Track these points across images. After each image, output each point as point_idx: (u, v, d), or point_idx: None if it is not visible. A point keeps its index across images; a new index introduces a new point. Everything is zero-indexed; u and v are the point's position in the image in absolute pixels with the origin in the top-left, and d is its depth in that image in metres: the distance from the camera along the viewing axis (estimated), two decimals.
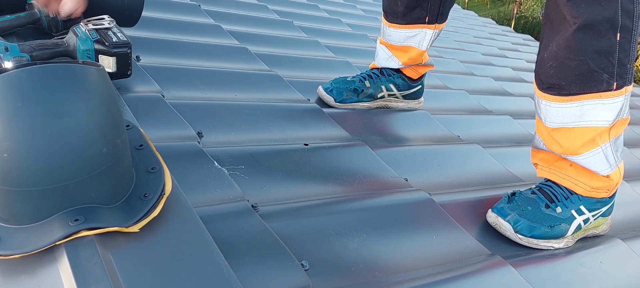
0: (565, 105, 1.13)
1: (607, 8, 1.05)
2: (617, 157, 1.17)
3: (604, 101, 1.10)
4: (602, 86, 1.09)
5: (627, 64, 1.09)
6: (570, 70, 1.10)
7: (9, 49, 1.01)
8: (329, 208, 1.04)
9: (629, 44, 1.08)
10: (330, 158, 1.21)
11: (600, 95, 1.10)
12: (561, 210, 1.16)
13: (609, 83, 1.09)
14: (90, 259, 0.65)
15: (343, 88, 1.56)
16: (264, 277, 0.79)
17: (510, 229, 1.14)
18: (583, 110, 1.12)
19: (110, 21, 1.13)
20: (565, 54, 1.10)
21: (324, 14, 2.92)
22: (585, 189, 1.17)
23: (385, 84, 1.61)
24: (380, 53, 1.62)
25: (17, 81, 0.66)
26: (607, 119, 1.11)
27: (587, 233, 1.22)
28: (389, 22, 1.57)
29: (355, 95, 1.57)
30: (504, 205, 1.17)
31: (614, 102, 1.10)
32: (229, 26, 1.97)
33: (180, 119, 1.13)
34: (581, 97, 1.11)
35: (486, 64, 3.01)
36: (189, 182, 0.92)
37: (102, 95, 0.72)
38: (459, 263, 0.99)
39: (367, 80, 1.59)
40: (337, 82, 1.58)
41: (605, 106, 1.11)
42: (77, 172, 0.68)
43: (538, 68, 1.18)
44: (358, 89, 1.57)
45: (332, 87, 1.57)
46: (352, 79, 1.59)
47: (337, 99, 1.56)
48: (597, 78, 1.09)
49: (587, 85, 1.10)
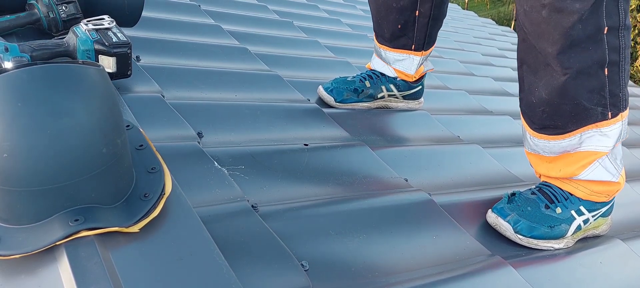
0: (563, 140, 1.14)
1: (595, 52, 1.06)
2: (618, 165, 1.17)
3: (601, 130, 1.12)
4: (598, 118, 1.11)
5: (619, 93, 1.10)
6: (565, 113, 1.11)
7: (9, 49, 1.01)
8: (329, 208, 1.04)
9: (617, 75, 1.09)
10: (330, 159, 1.21)
11: (597, 125, 1.11)
12: (561, 210, 1.17)
13: (604, 114, 1.11)
14: (90, 259, 0.65)
15: (343, 88, 1.56)
16: (264, 277, 0.79)
17: (510, 229, 1.14)
18: (582, 138, 1.13)
19: (110, 21, 1.13)
20: (559, 100, 1.10)
21: (323, 14, 2.92)
22: (586, 193, 1.17)
23: (385, 84, 1.61)
24: (375, 61, 1.63)
25: (17, 81, 0.66)
26: (606, 145, 1.13)
27: (587, 233, 1.22)
28: (378, 43, 1.58)
29: (356, 95, 1.57)
30: (504, 206, 1.17)
31: (612, 129, 1.12)
32: (229, 26, 1.97)
33: (180, 119, 1.13)
34: (578, 131, 1.12)
35: (486, 64, 3.02)
36: (189, 182, 0.92)
37: (102, 95, 0.72)
38: (459, 263, 0.99)
39: (368, 81, 1.59)
40: (337, 82, 1.58)
41: (604, 135, 1.12)
42: (77, 172, 0.68)
43: (527, 110, 1.18)
44: (358, 89, 1.57)
45: (332, 87, 1.57)
46: (352, 79, 1.59)
47: (338, 99, 1.56)
48: (592, 113, 1.10)
49: (583, 121, 1.11)
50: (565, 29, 1.03)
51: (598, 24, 1.04)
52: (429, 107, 1.78)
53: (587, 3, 1.01)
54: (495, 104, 2.14)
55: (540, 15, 1.04)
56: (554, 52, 1.06)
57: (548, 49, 1.06)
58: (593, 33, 1.04)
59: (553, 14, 1.03)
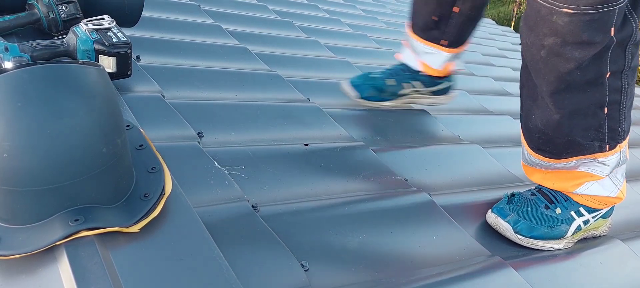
0: (559, 163, 1.13)
1: (594, 94, 1.03)
2: (618, 180, 1.16)
3: (599, 160, 1.10)
4: (595, 151, 1.09)
5: (617, 127, 1.07)
6: (560, 145, 1.09)
7: (9, 49, 1.01)
8: (329, 208, 1.04)
9: (618, 112, 1.06)
10: (330, 159, 1.21)
11: (595, 156, 1.10)
12: (561, 211, 1.16)
13: (602, 147, 1.08)
14: (90, 259, 0.65)
15: (368, 85, 1.53)
16: (264, 277, 0.80)
17: (510, 229, 1.13)
18: (579, 163, 1.12)
19: (110, 21, 1.13)
20: (552, 133, 1.08)
21: (324, 14, 2.92)
22: (584, 199, 1.17)
23: (409, 80, 1.56)
24: (405, 51, 1.59)
25: (18, 81, 0.66)
26: (603, 172, 1.11)
27: (587, 234, 1.22)
28: (411, 31, 1.55)
29: (380, 93, 1.54)
30: (504, 206, 1.17)
31: (609, 160, 1.10)
32: (229, 26, 1.97)
33: (180, 119, 1.13)
34: (575, 158, 1.10)
35: (486, 64, 3.01)
36: (189, 182, 0.92)
37: (102, 95, 0.72)
38: (459, 263, 0.99)
39: (392, 78, 1.55)
40: (362, 78, 1.55)
41: (601, 163, 1.10)
42: (77, 172, 0.68)
43: (524, 130, 1.16)
44: (382, 87, 1.54)
45: (358, 83, 1.54)
46: (377, 76, 1.56)
47: (362, 95, 1.53)
48: (587, 147, 1.08)
49: (578, 153, 1.09)
50: (561, 73, 1.00)
51: (599, 71, 1.00)
52: (429, 107, 1.78)
53: (588, 53, 0.97)
54: (495, 104, 2.14)
55: (539, 54, 1.01)
56: (548, 91, 1.03)
57: (543, 87, 1.04)
58: (593, 78, 1.01)
59: (551, 57, 1.00)
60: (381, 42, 2.61)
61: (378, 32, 2.89)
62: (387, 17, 3.51)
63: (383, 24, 3.19)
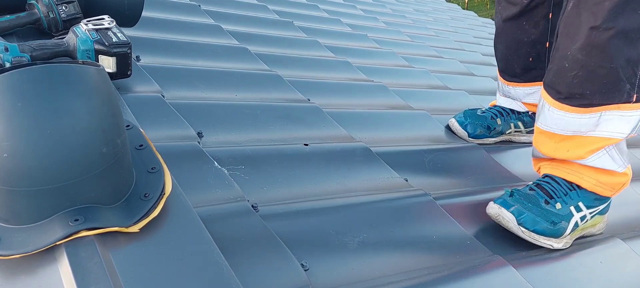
0: (583, 116, 1.13)
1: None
2: (624, 158, 1.17)
3: (622, 113, 1.10)
4: (623, 97, 1.09)
5: None
6: (598, 78, 1.09)
7: (9, 49, 1.01)
8: (329, 209, 1.04)
9: None
10: (330, 158, 1.21)
11: (619, 107, 1.10)
12: (561, 206, 1.16)
13: (630, 94, 1.09)
14: (90, 259, 0.65)
15: (477, 124, 1.60)
16: (264, 277, 0.80)
17: (514, 220, 1.12)
18: (600, 120, 1.12)
19: (110, 21, 1.13)
20: (596, 61, 1.08)
21: (324, 14, 2.92)
22: (591, 183, 1.17)
23: (514, 121, 1.65)
24: (502, 100, 1.64)
25: (17, 81, 0.66)
26: (622, 132, 1.12)
27: (584, 232, 1.22)
28: (506, 81, 1.58)
29: (488, 131, 1.61)
30: (507, 198, 1.16)
31: (632, 115, 1.11)
32: (229, 26, 1.97)
33: (180, 119, 1.13)
34: (600, 108, 1.11)
35: (486, 64, 3.01)
36: (189, 182, 0.92)
37: (102, 95, 0.72)
38: (459, 263, 0.99)
39: (499, 118, 1.62)
40: (470, 117, 1.62)
41: (623, 118, 1.11)
42: (77, 172, 0.68)
43: (554, 78, 1.15)
44: (491, 126, 1.61)
45: (466, 122, 1.61)
46: (483, 114, 1.63)
47: (471, 134, 1.60)
48: (621, 88, 1.09)
49: (609, 96, 1.09)
50: None
51: None
52: (429, 107, 1.78)
53: None
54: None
55: None
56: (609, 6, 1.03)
57: (605, 2, 1.03)
58: None
59: None
60: (381, 42, 2.61)
61: (378, 32, 2.89)
62: (387, 17, 3.51)
63: (383, 24, 3.19)
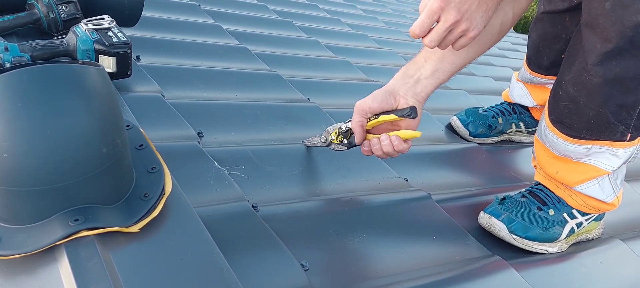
0: (572, 144, 1.09)
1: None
2: (616, 186, 1.14)
3: (614, 150, 1.06)
4: (615, 136, 1.04)
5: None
6: (586, 117, 1.04)
7: (9, 49, 1.01)
8: (329, 208, 1.04)
9: None
10: (330, 158, 1.21)
11: (611, 144, 1.06)
12: (554, 212, 1.15)
13: (624, 134, 1.04)
14: (90, 259, 0.65)
15: (479, 123, 1.61)
16: (264, 276, 0.79)
17: (505, 229, 1.12)
18: (591, 152, 1.08)
19: (110, 21, 1.13)
20: (585, 101, 1.02)
21: (324, 14, 2.91)
22: (578, 203, 1.15)
23: (515, 121, 1.65)
24: (516, 88, 1.63)
25: (17, 81, 0.66)
26: (612, 166, 1.08)
27: (580, 237, 1.21)
28: (531, 70, 1.55)
29: (489, 130, 1.62)
30: (496, 207, 1.15)
31: (624, 152, 1.07)
32: (229, 26, 1.97)
33: (180, 119, 1.13)
34: (590, 142, 1.07)
35: (486, 64, 3.01)
36: (189, 182, 0.92)
37: (102, 95, 0.72)
38: (459, 263, 0.99)
39: (501, 117, 1.63)
40: (472, 116, 1.62)
41: (614, 155, 1.07)
42: (77, 172, 0.68)
43: (551, 99, 1.12)
44: (492, 125, 1.62)
45: (468, 121, 1.61)
46: (485, 113, 1.63)
47: (473, 133, 1.60)
48: (613, 129, 1.03)
49: (599, 134, 1.05)
50: (624, 28, 0.91)
51: None
52: (429, 107, 1.78)
53: None
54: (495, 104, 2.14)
55: (603, 6, 0.93)
56: (599, 52, 0.96)
57: (596, 45, 0.96)
58: None
59: (617, 9, 0.91)
60: (381, 42, 2.61)
61: (378, 32, 2.89)
62: (387, 17, 3.51)
63: (383, 24, 3.19)
